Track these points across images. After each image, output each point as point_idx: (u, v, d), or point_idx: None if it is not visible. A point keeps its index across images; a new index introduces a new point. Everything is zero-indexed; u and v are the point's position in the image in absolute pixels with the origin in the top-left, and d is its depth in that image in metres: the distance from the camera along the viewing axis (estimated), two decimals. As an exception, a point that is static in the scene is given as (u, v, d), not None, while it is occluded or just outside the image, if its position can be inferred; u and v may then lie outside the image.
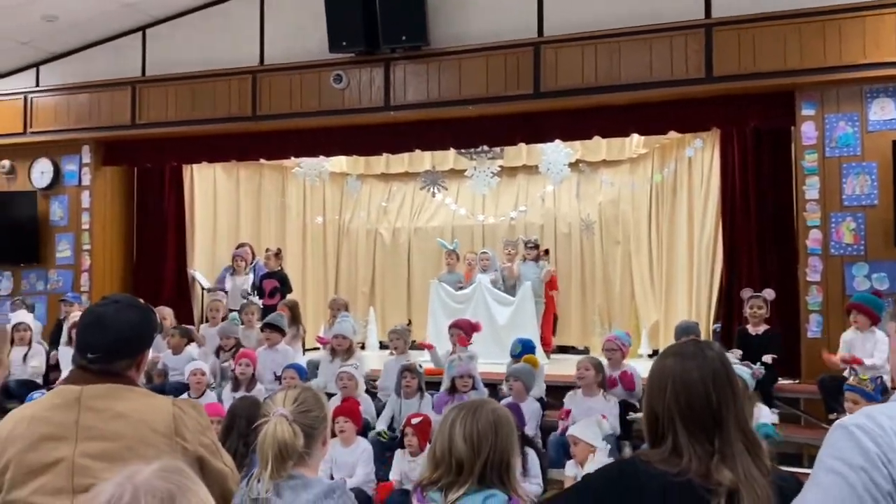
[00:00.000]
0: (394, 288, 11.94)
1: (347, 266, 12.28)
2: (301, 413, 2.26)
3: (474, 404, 2.18)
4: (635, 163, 10.75)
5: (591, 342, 10.38)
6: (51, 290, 9.44)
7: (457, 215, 11.65)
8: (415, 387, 6.04)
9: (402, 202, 12.19)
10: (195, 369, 6.37)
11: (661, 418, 1.77)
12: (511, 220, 11.37)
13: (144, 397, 2.23)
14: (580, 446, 4.62)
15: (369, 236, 12.21)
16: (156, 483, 1.12)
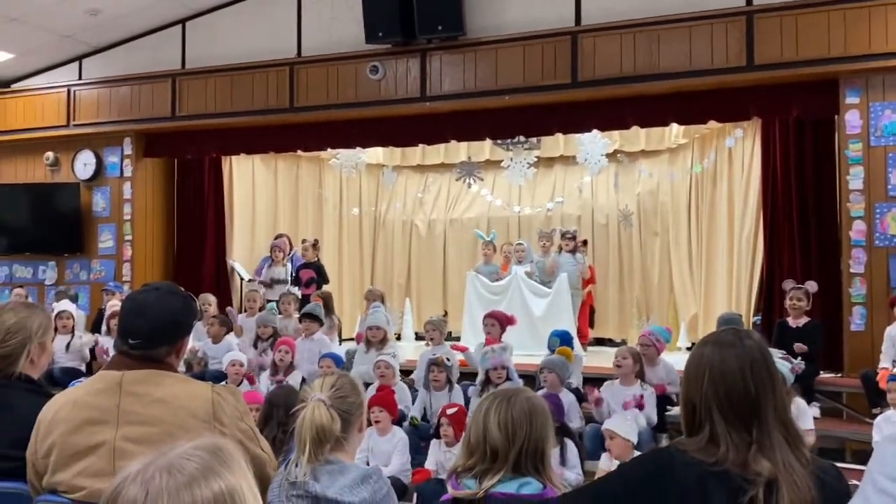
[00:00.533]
0: (429, 279, 11.97)
1: (383, 257, 12.34)
2: (338, 399, 2.29)
3: (508, 392, 2.19)
4: (674, 153, 10.62)
5: (629, 334, 10.30)
6: (93, 279, 9.63)
7: (493, 206, 11.63)
8: (443, 380, 6.04)
9: (437, 193, 12.20)
10: (234, 360, 6.45)
11: (698, 407, 1.76)
12: (548, 211, 11.32)
13: (183, 383, 2.27)
14: (616, 441, 4.58)
15: (405, 228, 12.25)
16: (178, 463, 1.10)
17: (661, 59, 7.23)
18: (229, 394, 2.29)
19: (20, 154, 10.00)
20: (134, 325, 2.28)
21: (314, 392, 2.29)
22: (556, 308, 8.60)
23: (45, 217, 9.65)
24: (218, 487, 1.09)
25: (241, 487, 1.12)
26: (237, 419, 2.26)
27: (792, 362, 5.36)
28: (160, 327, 2.27)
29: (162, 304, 2.30)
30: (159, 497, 1.05)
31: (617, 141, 10.49)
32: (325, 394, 2.27)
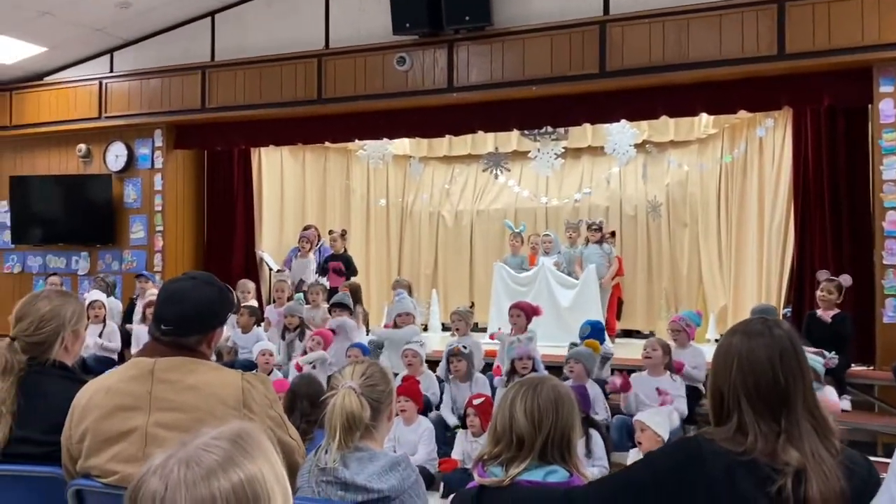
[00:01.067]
0: (456, 270, 11.98)
1: (410, 248, 12.37)
2: (368, 387, 2.31)
3: (535, 381, 2.19)
4: (704, 143, 10.52)
5: (657, 326, 10.24)
6: (125, 269, 9.77)
7: (520, 197, 11.61)
8: (463, 370, 6.03)
9: (464, 184, 12.20)
10: (264, 350, 6.52)
11: (727, 397, 1.75)
12: (575, 202, 11.27)
13: (214, 371, 2.30)
14: (647, 434, 4.56)
15: (432, 219, 12.27)
16: (198, 455, 1.10)
17: (691, 48, 7.16)
18: (259, 382, 2.32)
19: (53, 146, 10.16)
20: (167, 312, 2.32)
21: (344, 380, 2.31)
22: (584, 299, 8.57)
23: (77, 208, 9.80)
24: (237, 478, 1.09)
25: (262, 475, 1.11)
26: (266, 407, 2.28)
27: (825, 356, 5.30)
28: (192, 316, 2.30)
29: (196, 293, 2.33)
30: (177, 490, 1.06)
31: (645, 131, 10.40)
32: (355, 381, 2.29)
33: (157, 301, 2.42)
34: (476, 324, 10.93)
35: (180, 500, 1.05)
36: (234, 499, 1.07)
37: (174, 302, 2.33)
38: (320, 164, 11.42)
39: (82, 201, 9.78)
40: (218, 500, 1.06)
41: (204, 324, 2.33)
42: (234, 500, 1.07)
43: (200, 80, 9.27)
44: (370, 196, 12.02)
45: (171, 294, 2.36)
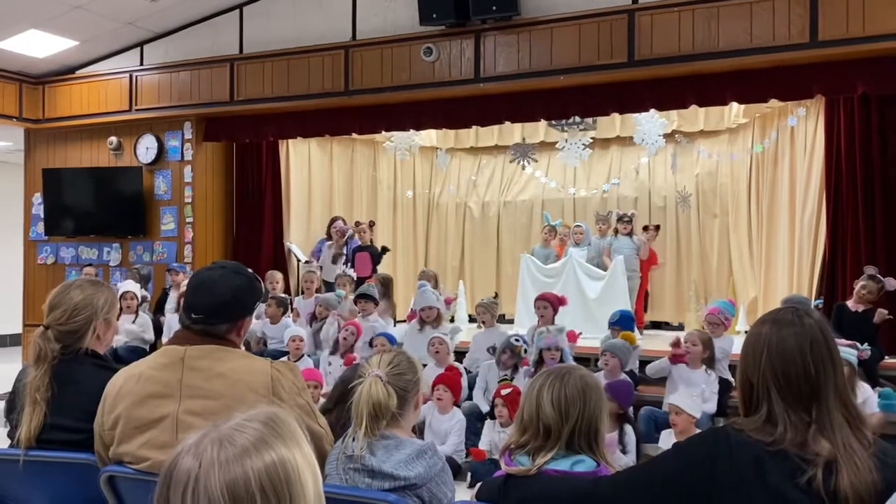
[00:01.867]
0: (483, 262, 11.99)
1: (437, 240, 12.39)
2: (395, 375, 2.32)
3: (562, 370, 2.19)
4: (734, 133, 10.40)
5: (686, 318, 10.17)
6: (156, 261, 9.87)
7: (547, 188, 11.57)
8: (511, 364, 6.09)
9: (491, 176, 12.18)
10: (294, 335, 6.59)
11: (756, 387, 1.73)
12: (603, 193, 11.21)
13: (244, 359, 2.32)
14: (682, 416, 4.56)
15: (458, 210, 12.27)
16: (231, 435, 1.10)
17: (721, 36, 7.06)
18: (287, 370, 2.34)
19: (85, 139, 10.29)
20: (197, 300, 2.35)
21: (371, 368, 2.32)
22: (612, 291, 8.53)
23: (109, 200, 9.91)
24: (270, 458, 1.10)
25: (294, 459, 1.12)
26: (295, 394, 2.31)
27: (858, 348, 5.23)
28: (221, 304, 2.33)
29: (225, 282, 2.35)
30: (211, 469, 1.07)
31: (675, 121, 10.31)
32: (382, 370, 2.31)
33: (187, 290, 2.46)
34: (502, 315, 10.95)
35: (214, 479, 1.06)
36: (266, 478, 1.08)
37: (204, 291, 2.35)
38: (347, 156, 11.47)
39: (113, 193, 9.89)
40: (251, 479, 1.07)
41: (233, 312, 2.36)
42: (268, 480, 1.08)
43: (229, 73, 9.33)
44: (397, 187, 12.04)
45: (200, 283, 2.39)
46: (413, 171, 12.25)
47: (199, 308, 2.33)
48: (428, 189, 12.45)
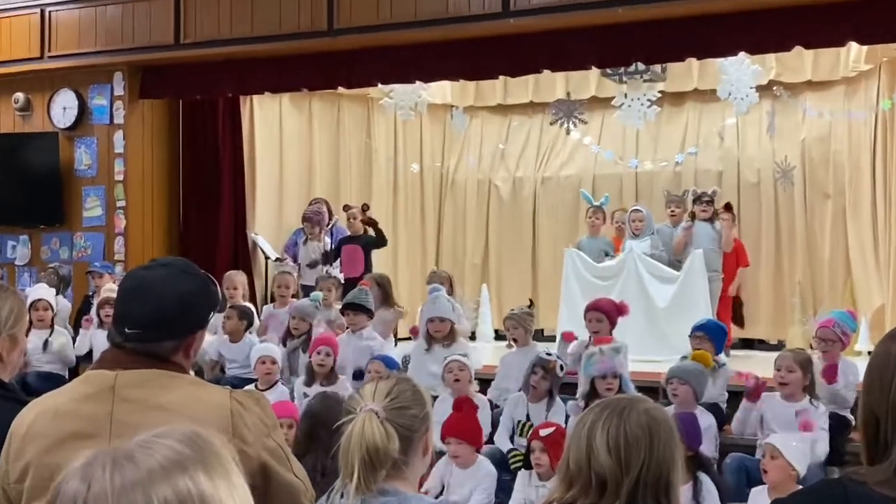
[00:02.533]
0: (514, 259, 11.98)
1: (452, 229, 12.39)
2: (396, 410, 2.32)
3: (621, 403, 2.19)
4: (853, 84, 10.34)
5: (788, 334, 10.12)
6: (77, 258, 9.92)
7: (600, 160, 11.54)
8: (544, 389, 6.08)
9: (525, 143, 12.16)
10: (265, 356, 6.61)
11: (884, 424, 1.72)
12: (676, 165, 11.18)
13: (194, 387, 2.34)
14: (778, 463, 4.54)
15: (481, 189, 12.26)
16: (135, 454, 1.11)
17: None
18: (253, 402, 2.34)
19: (-19, 96, 10.35)
20: (132, 310, 2.35)
21: (365, 401, 2.32)
22: (688, 297, 8.52)
23: (13, 177, 9.90)
24: (184, 488, 1.09)
25: (218, 496, 1.12)
26: (263, 435, 2.31)
27: None
28: (165, 315, 2.33)
29: (170, 286, 2.36)
30: (103, 495, 1.07)
31: (773, 68, 10.25)
32: (378, 403, 2.31)
33: (118, 296, 2.46)
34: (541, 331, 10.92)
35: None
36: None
37: (140, 297, 2.36)
38: (332, 118, 11.48)
39: (19, 168, 9.90)
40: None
41: (180, 325, 2.36)
42: None
43: (173, 7, 9.34)
44: (399, 159, 12.06)
45: (136, 286, 2.40)
46: (420, 137, 12.25)
47: (135, 320, 2.33)
48: (440, 162, 12.45)
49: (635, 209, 9.69)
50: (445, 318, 7.02)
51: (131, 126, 9.84)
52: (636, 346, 7.52)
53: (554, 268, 10.95)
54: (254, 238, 10.44)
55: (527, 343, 7.02)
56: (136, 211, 9.85)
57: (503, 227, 12.12)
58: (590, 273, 9.03)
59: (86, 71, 9.85)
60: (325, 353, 6.67)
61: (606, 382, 5.71)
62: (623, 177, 11.48)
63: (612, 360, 5.83)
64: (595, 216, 9.74)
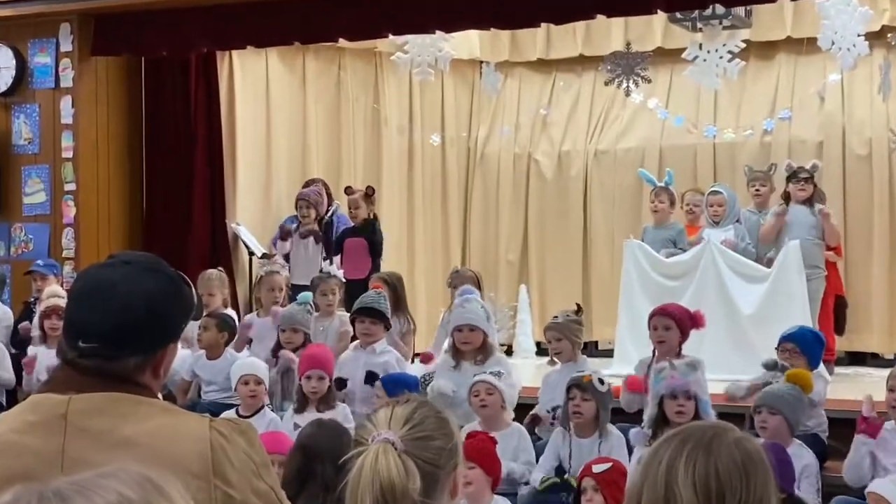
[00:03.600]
0: (560, 253, 11.95)
1: (482, 216, 12.37)
2: (417, 441, 2.31)
3: (706, 432, 2.16)
4: None
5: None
6: (15, 255, 9.96)
7: (667, 128, 11.50)
8: (589, 416, 6.08)
9: (573, 108, 12.14)
10: (247, 375, 6.62)
11: None
12: (764, 134, 11.12)
13: (167, 415, 2.33)
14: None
15: (518, 166, 12.24)
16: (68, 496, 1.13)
17: None
18: (238, 434, 2.34)
19: None
20: (87, 318, 2.35)
21: (378, 429, 2.32)
22: (780, 301, 8.50)
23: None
24: None
25: None
26: (251, 475, 2.31)
27: None
28: (129, 324, 2.33)
29: (134, 288, 2.35)
30: None
31: (886, 11, 10.18)
32: (395, 432, 2.31)
33: (69, 302, 2.47)
34: (594, 343, 10.89)
35: None
36: None
37: (97, 301, 2.36)
38: (331, 78, 11.48)
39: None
40: None
41: (147, 337, 2.36)
42: None
43: (133, -59, 9.37)
44: (414, 129, 12.04)
45: (91, 289, 2.40)
46: (441, 102, 12.24)
47: (90, 331, 2.33)
48: (466, 132, 12.44)
49: (714, 190, 9.63)
50: (477, 326, 7.00)
51: (82, 90, 9.85)
52: (715, 362, 7.47)
53: (610, 265, 10.94)
54: (235, 229, 10.43)
55: (574, 358, 6.99)
56: (88, 196, 9.87)
57: (546, 214, 12.09)
58: (656, 271, 9.00)
59: (25, 22, 9.86)
60: (316, 378, 6.68)
61: (677, 404, 5.68)
62: (698, 149, 11.43)
63: (686, 377, 5.79)
64: (659, 199, 9.67)
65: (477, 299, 7.33)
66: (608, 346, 10.13)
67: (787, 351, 6.66)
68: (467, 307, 7.14)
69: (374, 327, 7.26)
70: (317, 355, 6.92)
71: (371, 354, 7.18)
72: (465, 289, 7.69)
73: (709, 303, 8.14)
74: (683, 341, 6.80)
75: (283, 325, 7.58)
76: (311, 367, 6.74)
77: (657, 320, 6.87)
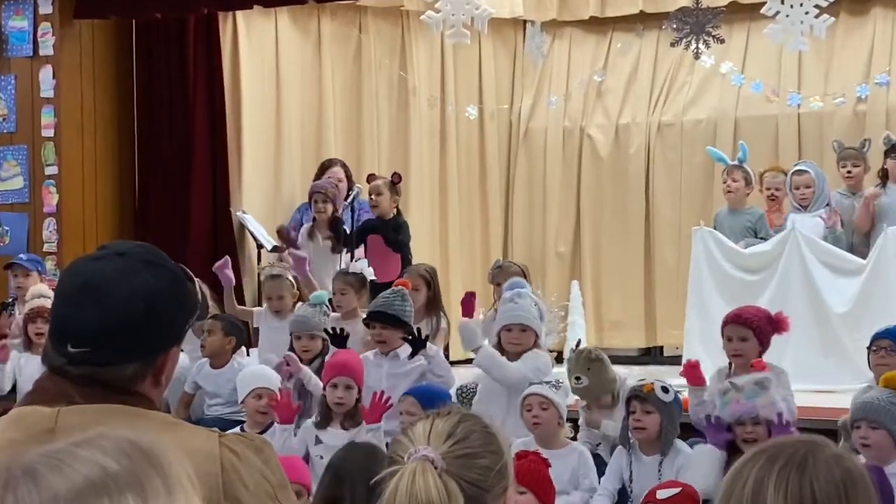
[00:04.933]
0: (618, 242, 11.94)
1: (527, 201, 12.37)
2: (460, 459, 2.32)
3: (798, 449, 2.16)
4: None
5: None
6: (-10, 249, 10.04)
7: (744, 96, 11.46)
8: (654, 430, 6.08)
9: (632, 74, 12.11)
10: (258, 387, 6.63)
11: None
12: (858, 102, 11.06)
13: (170, 430, 2.34)
14: None
15: (568, 143, 12.22)
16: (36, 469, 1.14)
17: None
18: (252, 451, 2.36)
19: None
20: (77, 319, 2.36)
21: (416, 445, 2.33)
22: (877, 297, 8.48)
23: None
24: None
25: None
26: (267, 497, 2.33)
27: None
28: (125, 325, 2.34)
29: (130, 283, 2.36)
30: None
31: None
32: (435, 449, 2.31)
33: (55, 300, 2.48)
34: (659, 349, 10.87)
35: None
36: None
37: (88, 299, 2.37)
38: (351, 43, 11.49)
39: None
40: None
41: (145, 340, 2.37)
42: None
43: None
44: (447, 102, 12.03)
45: (81, 285, 2.40)
46: (479, 68, 12.25)
47: (81, 334, 2.34)
48: (508, 103, 12.43)
49: (799, 168, 9.57)
50: (528, 326, 6.99)
51: (64, 59, 9.91)
52: (802, 370, 7.47)
53: (677, 256, 10.89)
54: (240, 218, 10.45)
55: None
56: (72, 181, 9.94)
57: (601, 198, 12.08)
58: (731, 263, 8.97)
59: (-3, -19, 9.95)
60: (343, 387, 6.66)
61: (745, 431, 5.69)
62: (779, 120, 11.38)
63: (752, 400, 5.77)
64: (732, 177, 9.61)
65: (530, 294, 7.29)
66: (675, 351, 10.09)
67: (883, 349, 6.62)
68: (519, 303, 7.09)
69: (388, 332, 7.26)
70: (347, 362, 6.87)
71: (394, 362, 7.20)
72: (515, 282, 7.63)
73: (794, 301, 8.11)
74: (763, 351, 6.75)
75: (297, 331, 7.57)
76: (338, 374, 6.72)
77: (731, 330, 6.82)
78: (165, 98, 10.38)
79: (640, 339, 11.53)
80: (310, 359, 7.46)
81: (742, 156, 9.74)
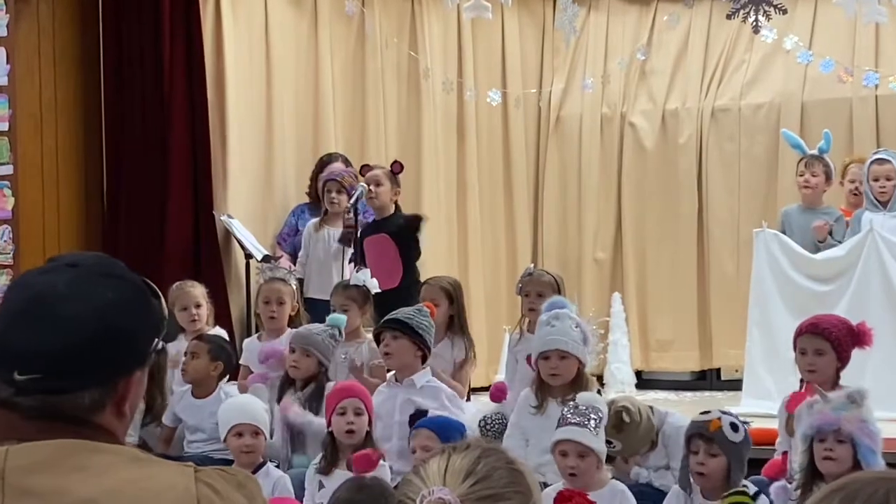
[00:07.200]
0: (666, 249, 11.96)
1: (560, 200, 12.42)
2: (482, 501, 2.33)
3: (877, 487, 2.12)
4: None
5: None
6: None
7: (812, 77, 11.47)
8: (720, 473, 6.06)
9: (681, 52, 12.15)
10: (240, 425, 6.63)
11: None
12: (942, 82, 11.08)
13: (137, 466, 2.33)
14: None
15: (607, 131, 12.29)
16: None
17: None
18: (233, 487, 2.35)
19: None
20: (24, 342, 2.34)
21: (430, 485, 2.32)
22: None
23: None
24: None
25: None
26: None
27: None
28: (80, 347, 2.33)
29: (84, 299, 2.36)
30: None
31: None
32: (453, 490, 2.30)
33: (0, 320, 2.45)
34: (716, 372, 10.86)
35: None
36: None
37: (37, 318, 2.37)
38: (353, 22, 11.51)
39: None
40: None
41: (104, 364, 2.36)
42: None
43: None
44: (465, 85, 12.06)
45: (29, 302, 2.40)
46: (501, 48, 12.30)
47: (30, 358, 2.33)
48: (537, 87, 12.46)
49: (879, 158, 9.55)
50: (569, 353, 6.98)
51: (20, 41, 9.96)
52: (883, 392, 7.47)
53: (735, 263, 10.89)
54: (226, 223, 10.48)
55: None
56: (30, 182, 9.99)
57: (646, 196, 12.14)
58: (799, 271, 8.99)
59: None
60: (353, 411, 6.69)
61: (825, 448, 5.65)
62: (854, 103, 11.41)
63: (839, 413, 5.75)
64: (811, 171, 9.60)
65: (570, 315, 7.23)
66: (734, 374, 10.08)
67: None
68: (558, 326, 7.07)
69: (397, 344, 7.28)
70: (352, 385, 7.01)
71: (409, 389, 7.21)
72: (555, 301, 7.59)
73: (873, 315, 8.08)
74: (843, 368, 6.75)
75: (294, 344, 7.62)
76: (345, 397, 6.77)
77: (806, 341, 6.81)
78: (137, 85, 10.41)
79: (694, 361, 11.56)
80: (301, 378, 7.51)
81: (825, 145, 9.68)
